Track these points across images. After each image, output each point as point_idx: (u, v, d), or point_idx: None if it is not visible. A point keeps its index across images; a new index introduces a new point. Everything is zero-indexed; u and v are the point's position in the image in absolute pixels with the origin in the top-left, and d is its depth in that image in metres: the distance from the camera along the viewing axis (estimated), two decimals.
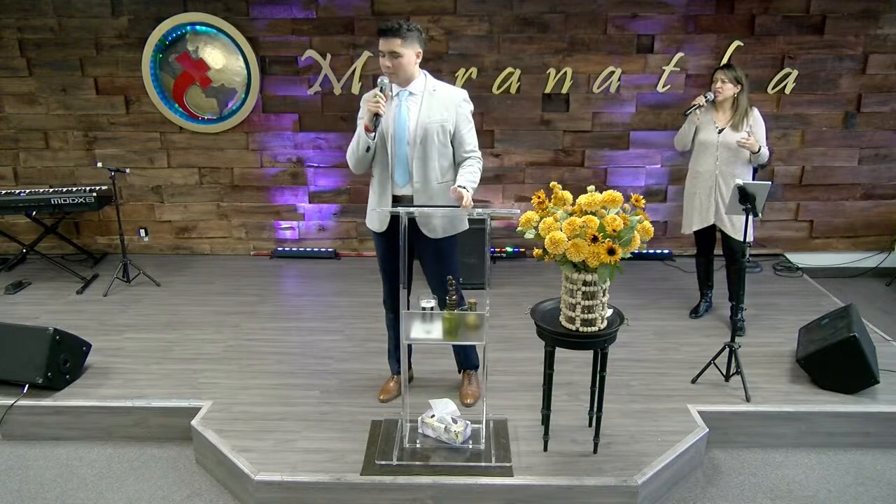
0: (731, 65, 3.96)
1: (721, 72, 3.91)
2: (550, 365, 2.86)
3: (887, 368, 3.54)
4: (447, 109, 3.01)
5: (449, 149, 3.07)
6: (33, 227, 5.27)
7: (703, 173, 4.01)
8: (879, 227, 5.47)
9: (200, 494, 3.02)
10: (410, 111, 3.00)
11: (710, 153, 3.98)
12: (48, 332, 3.40)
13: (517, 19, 4.99)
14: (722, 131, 3.95)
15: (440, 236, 3.10)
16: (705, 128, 3.99)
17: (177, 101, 5.20)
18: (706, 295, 4.37)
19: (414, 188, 3.04)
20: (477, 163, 3.09)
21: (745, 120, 3.92)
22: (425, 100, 3.00)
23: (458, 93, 3.07)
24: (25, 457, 3.27)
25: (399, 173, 3.04)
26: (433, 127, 2.99)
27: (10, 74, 5.16)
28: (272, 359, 3.83)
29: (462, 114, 3.04)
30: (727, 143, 3.92)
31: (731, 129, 3.93)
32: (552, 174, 5.23)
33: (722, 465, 3.19)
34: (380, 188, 3.09)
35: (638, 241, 2.58)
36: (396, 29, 2.84)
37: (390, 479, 2.80)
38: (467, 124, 3.07)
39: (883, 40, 4.99)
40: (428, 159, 3.02)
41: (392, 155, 3.02)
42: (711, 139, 3.96)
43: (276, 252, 5.57)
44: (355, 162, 3.07)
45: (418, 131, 2.99)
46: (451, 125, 3.02)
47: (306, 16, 5.00)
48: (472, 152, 3.09)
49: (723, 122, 3.97)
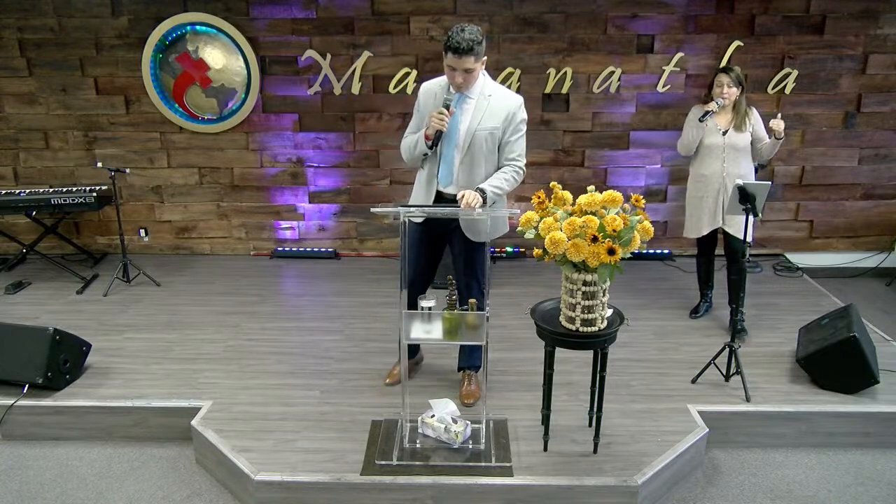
0: (731, 67, 3.94)
1: (724, 75, 3.88)
2: (550, 365, 2.86)
3: (887, 368, 3.55)
4: (499, 116, 3.01)
5: (495, 155, 3.09)
6: (33, 227, 5.27)
7: (710, 176, 4.00)
8: (879, 227, 5.47)
9: (200, 494, 3.02)
10: (463, 115, 3.02)
11: (716, 156, 3.98)
12: (48, 332, 3.40)
13: (517, 19, 4.99)
14: (726, 133, 3.96)
15: (481, 240, 3.12)
16: (709, 131, 3.98)
17: (177, 101, 5.20)
18: (706, 295, 4.37)
19: (458, 188, 3.05)
20: (512, 171, 3.09)
21: (746, 119, 3.95)
22: (479, 105, 3.01)
23: (513, 100, 3.05)
24: (25, 457, 3.27)
25: (443, 173, 3.10)
26: (482, 134, 3.01)
27: (10, 74, 5.16)
28: (272, 359, 3.83)
29: (513, 122, 3.04)
30: (733, 144, 3.93)
31: (735, 130, 3.95)
32: (552, 174, 5.23)
33: (722, 465, 3.19)
34: (427, 183, 3.15)
35: (638, 241, 2.58)
36: (470, 47, 2.79)
37: (390, 479, 2.80)
38: (516, 133, 3.07)
39: (883, 40, 4.99)
40: (474, 165, 3.06)
41: (440, 155, 3.07)
42: (717, 142, 3.96)
43: (276, 252, 5.57)
44: (409, 158, 3.17)
45: (467, 137, 3.02)
46: (500, 132, 3.04)
47: (306, 16, 5.00)
48: (515, 161, 3.09)
49: (725, 124, 3.98)
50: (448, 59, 2.86)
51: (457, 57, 2.82)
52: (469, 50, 2.80)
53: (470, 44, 2.79)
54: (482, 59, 2.92)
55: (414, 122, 3.18)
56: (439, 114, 2.90)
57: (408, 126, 3.22)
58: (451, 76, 2.91)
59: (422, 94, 3.12)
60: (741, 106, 3.95)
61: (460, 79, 2.89)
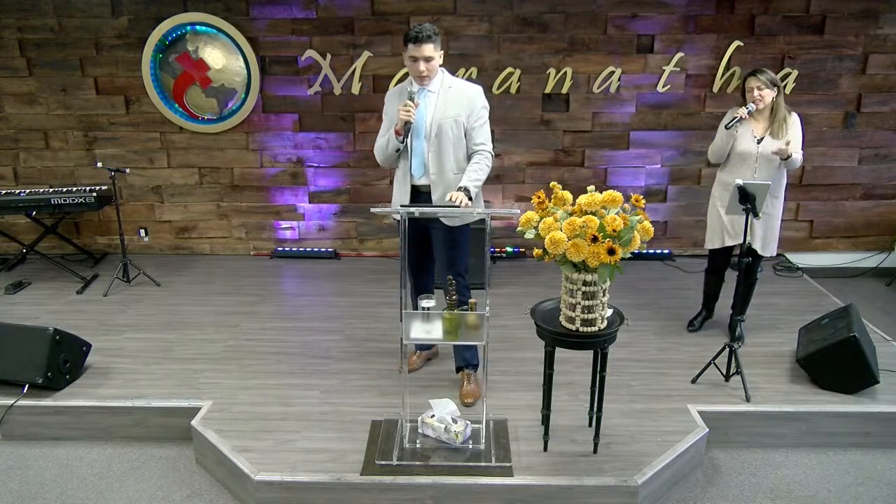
0: (763, 69, 3.66)
1: (754, 78, 3.61)
2: (550, 365, 2.86)
3: (887, 368, 3.55)
4: (460, 105, 3.18)
5: (463, 141, 3.23)
6: (33, 227, 5.27)
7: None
8: (879, 227, 5.47)
9: (200, 494, 3.02)
10: (427, 107, 3.18)
11: (748, 165, 3.71)
12: (48, 332, 3.40)
13: (517, 19, 4.99)
14: (761, 141, 3.69)
15: (456, 224, 3.23)
16: (743, 138, 3.71)
17: (177, 101, 5.20)
18: (709, 308, 4.17)
19: (430, 179, 3.22)
20: (484, 159, 3.21)
21: (784, 126, 3.67)
22: (441, 96, 3.18)
23: (472, 89, 3.24)
24: (25, 457, 3.27)
25: (416, 165, 3.22)
26: (447, 122, 3.16)
27: (10, 74, 5.16)
28: (272, 359, 3.83)
29: (475, 109, 3.20)
30: (767, 153, 3.66)
31: (771, 138, 3.67)
32: (552, 174, 5.23)
33: (722, 465, 3.19)
34: (402, 177, 3.28)
35: (638, 241, 2.58)
36: (429, 35, 3.02)
37: (390, 479, 2.80)
38: (479, 119, 3.22)
39: (883, 40, 4.99)
40: (443, 152, 3.19)
41: (410, 148, 3.19)
42: (751, 150, 3.69)
43: (276, 252, 5.57)
44: (383, 158, 3.30)
45: (433, 126, 3.16)
46: (465, 119, 3.18)
47: (306, 16, 5.00)
48: (482, 146, 3.23)
49: (761, 131, 3.71)
50: (409, 50, 3.06)
51: (417, 45, 3.02)
52: (427, 38, 3.01)
53: (427, 32, 3.01)
54: (440, 52, 3.12)
55: (383, 126, 3.32)
56: (405, 106, 3.03)
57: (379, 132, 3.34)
58: (415, 67, 3.09)
59: (387, 99, 3.32)
60: (779, 110, 3.67)
61: (422, 66, 3.07)
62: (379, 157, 3.32)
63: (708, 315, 4.20)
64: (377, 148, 3.31)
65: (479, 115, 3.22)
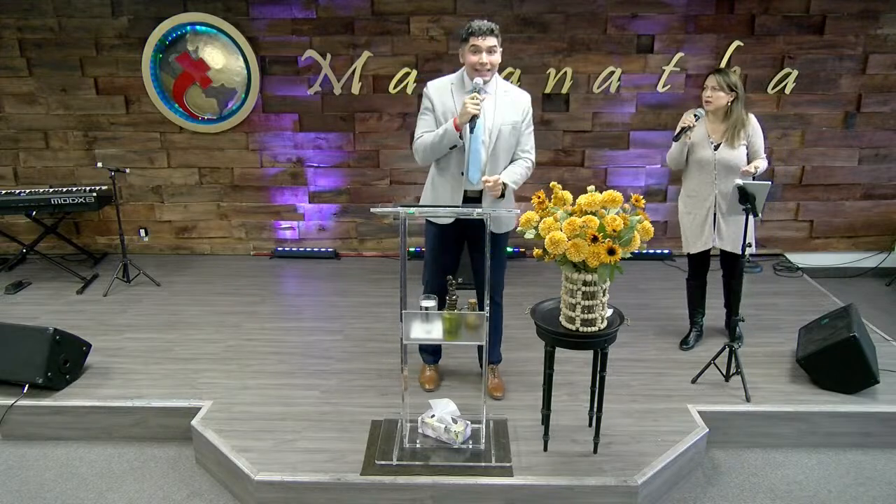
0: (724, 70, 3.54)
1: (712, 77, 3.50)
2: (550, 365, 2.86)
3: (887, 368, 3.55)
4: (517, 111, 3.12)
5: (514, 149, 3.18)
6: (33, 227, 5.27)
7: (699, 193, 3.66)
8: (879, 227, 5.47)
9: (200, 494, 3.02)
10: (486, 111, 3.04)
11: (706, 172, 3.61)
12: (48, 332, 3.40)
13: (517, 19, 4.99)
14: (718, 147, 3.58)
15: (502, 231, 3.23)
16: (700, 145, 3.59)
17: (177, 101, 5.20)
18: (697, 323, 3.96)
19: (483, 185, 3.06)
20: (525, 165, 3.17)
21: (741, 132, 3.55)
22: (499, 100, 3.08)
23: (525, 96, 3.19)
24: (25, 457, 3.27)
25: (472, 171, 3.06)
26: (506, 129, 3.08)
27: (10, 74, 5.16)
28: (272, 359, 3.83)
29: (527, 116, 3.17)
30: (724, 160, 3.55)
31: (727, 145, 3.55)
32: (552, 174, 5.23)
33: (722, 465, 3.19)
34: (452, 183, 3.13)
35: (638, 241, 2.58)
36: (491, 29, 2.96)
37: (390, 479, 2.80)
38: (529, 126, 3.19)
39: (883, 40, 4.99)
40: (499, 160, 3.12)
41: (468, 153, 3.04)
42: (707, 157, 3.58)
43: (276, 252, 5.57)
44: (430, 155, 3.10)
45: (493, 131, 3.07)
46: (520, 126, 3.14)
47: (306, 16, 5.00)
48: (527, 153, 3.19)
49: (718, 136, 3.58)
50: (472, 41, 2.96)
51: (482, 36, 2.94)
52: (490, 31, 2.95)
53: (491, 25, 2.96)
54: (499, 49, 3.03)
55: (426, 121, 3.12)
56: (472, 99, 2.89)
57: (417, 127, 3.16)
58: (476, 59, 2.96)
59: (433, 92, 3.11)
60: (734, 116, 3.53)
61: (486, 58, 2.96)
62: (423, 154, 3.08)
63: (699, 332, 3.97)
64: (422, 143, 3.07)
65: (530, 122, 3.19)
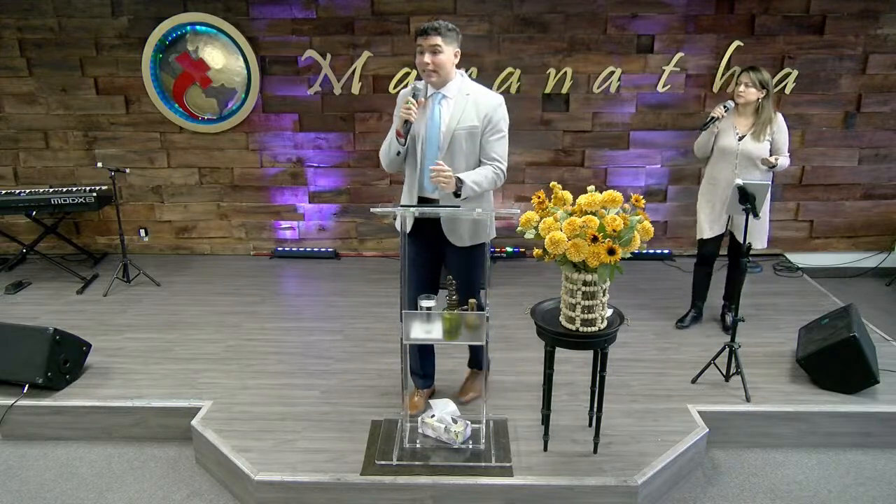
0: (757, 67, 3.72)
1: (746, 74, 3.70)
2: (550, 365, 2.86)
3: (887, 368, 3.55)
4: (478, 115, 2.91)
5: (476, 156, 2.98)
6: (33, 227, 5.27)
7: (720, 181, 3.85)
8: (879, 227, 5.47)
9: (200, 494, 3.02)
10: (442, 115, 2.92)
11: (728, 160, 3.80)
12: (48, 332, 3.40)
13: (517, 19, 4.99)
14: (742, 138, 3.77)
15: (467, 244, 3.03)
16: (725, 133, 3.81)
17: (177, 101, 5.20)
18: (696, 306, 4.21)
19: (440, 193, 2.94)
20: (492, 170, 2.94)
21: (767, 128, 3.74)
22: (458, 104, 2.92)
23: (492, 98, 2.95)
24: (25, 457, 3.27)
25: (426, 177, 2.93)
26: (461, 133, 2.91)
27: (10, 74, 5.16)
28: (272, 359, 3.83)
29: (492, 121, 2.92)
30: (747, 151, 3.74)
31: (752, 138, 3.75)
32: (552, 174, 5.23)
33: (722, 465, 3.19)
34: (408, 190, 3.06)
35: (638, 241, 2.58)
36: (436, 28, 2.82)
37: (390, 479, 2.80)
38: (496, 133, 2.94)
39: (883, 40, 4.99)
40: (454, 165, 2.90)
41: (422, 158, 2.96)
42: (731, 146, 3.78)
43: (276, 252, 5.57)
44: (387, 162, 3.03)
45: (447, 137, 2.91)
46: (479, 131, 2.93)
47: (306, 16, 5.00)
48: (494, 161, 2.95)
49: (744, 129, 3.78)
50: (417, 41, 2.85)
51: (423, 37, 2.82)
52: (434, 29, 2.81)
53: (436, 24, 2.82)
54: (454, 50, 2.89)
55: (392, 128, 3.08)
56: (406, 104, 2.81)
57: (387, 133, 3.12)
58: (420, 59, 2.85)
59: (399, 100, 3.03)
60: (764, 112, 3.72)
61: (429, 59, 2.82)
62: (383, 161, 3.05)
63: (697, 315, 4.22)
64: (382, 151, 3.06)
65: (498, 127, 2.93)
